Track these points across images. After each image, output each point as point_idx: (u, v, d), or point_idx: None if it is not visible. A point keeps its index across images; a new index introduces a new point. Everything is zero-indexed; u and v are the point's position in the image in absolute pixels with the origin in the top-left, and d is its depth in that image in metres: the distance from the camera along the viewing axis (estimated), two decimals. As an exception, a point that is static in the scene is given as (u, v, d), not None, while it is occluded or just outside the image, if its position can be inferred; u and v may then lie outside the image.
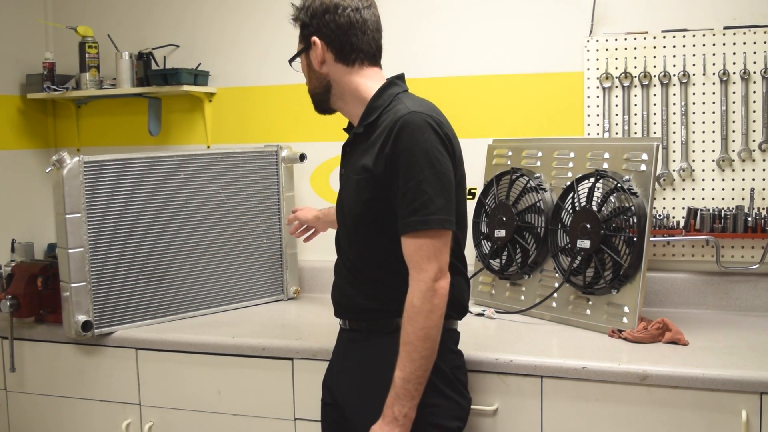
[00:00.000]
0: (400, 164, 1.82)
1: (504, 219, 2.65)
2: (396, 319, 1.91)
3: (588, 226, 2.41)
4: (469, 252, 2.22)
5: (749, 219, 2.56)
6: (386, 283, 1.93)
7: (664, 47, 2.67)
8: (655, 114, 2.69)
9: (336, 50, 1.96)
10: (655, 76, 2.68)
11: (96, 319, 2.53)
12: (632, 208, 2.33)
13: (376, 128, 1.90)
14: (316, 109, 2.08)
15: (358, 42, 1.96)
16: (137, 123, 3.34)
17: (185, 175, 2.72)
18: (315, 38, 1.96)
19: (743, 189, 2.61)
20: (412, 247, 1.83)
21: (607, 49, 2.72)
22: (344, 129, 2.09)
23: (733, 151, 2.62)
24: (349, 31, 1.95)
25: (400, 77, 2.01)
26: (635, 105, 2.71)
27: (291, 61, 2.05)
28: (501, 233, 2.65)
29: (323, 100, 2.03)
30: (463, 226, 1.98)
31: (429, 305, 1.80)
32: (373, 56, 1.99)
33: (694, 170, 2.66)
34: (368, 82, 1.97)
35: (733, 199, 2.63)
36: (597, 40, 2.74)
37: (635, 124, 2.72)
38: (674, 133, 2.68)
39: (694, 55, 2.64)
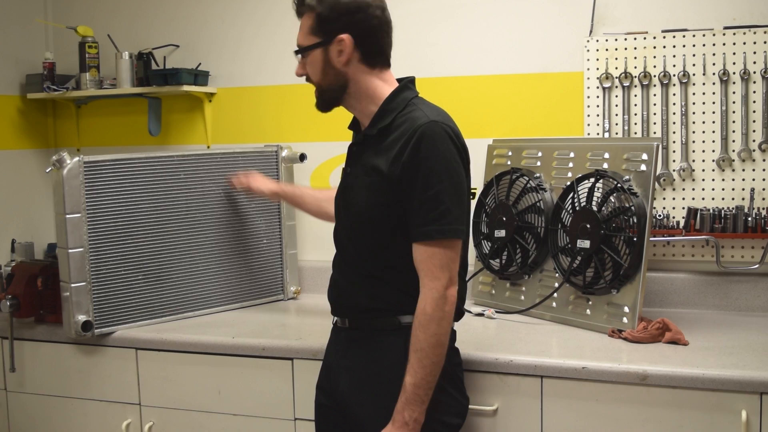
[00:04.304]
0: (419, 173, 1.81)
1: (504, 219, 2.65)
2: (398, 317, 1.92)
3: (588, 226, 2.40)
4: (469, 252, 2.22)
5: (749, 219, 2.56)
6: (390, 282, 1.93)
7: (664, 47, 2.66)
8: (655, 114, 2.69)
9: (364, 51, 1.90)
10: (655, 76, 2.68)
11: (96, 319, 2.53)
12: (632, 208, 2.33)
13: (391, 132, 1.88)
14: (319, 104, 1.98)
15: (383, 44, 1.93)
16: (137, 123, 3.34)
17: (185, 175, 2.72)
18: (344, 36, 1.87)
19: (743, 189, 2.61)
20: (425, 255, 1.83)
21: (607, 49, 2.72)
22: (349, 127, 2.07)
23: (733, 151, 2.62)
24: (378, 32, 1.90)
25: (412, 81, 1.99)
26: (635, 105, 2.71)
27: (300, 52, 1.94)
28: (501, 233, 2.65)
29: (335, 97, 1.95)
30: (468, 233, 1.98)
31: (440, 313, 1.82)
32: (389, 57, 1.97)
33: (694, 170, 2.66)
34: (384, 84, 1.94)
35: (733, 199, 2.63)
36: (597, 40, 2.73)
37: (635, 124, 2.71)
38: (674, 133, 2.68)
39: (694, 55, 2.64)
